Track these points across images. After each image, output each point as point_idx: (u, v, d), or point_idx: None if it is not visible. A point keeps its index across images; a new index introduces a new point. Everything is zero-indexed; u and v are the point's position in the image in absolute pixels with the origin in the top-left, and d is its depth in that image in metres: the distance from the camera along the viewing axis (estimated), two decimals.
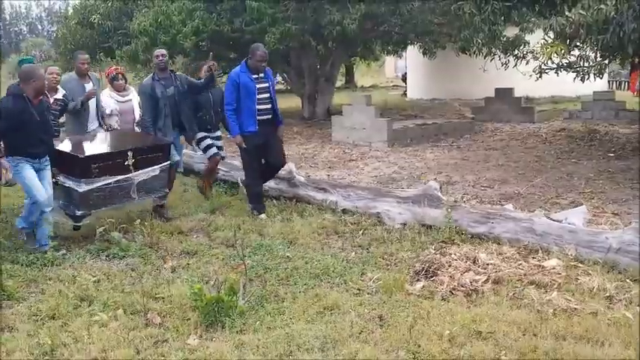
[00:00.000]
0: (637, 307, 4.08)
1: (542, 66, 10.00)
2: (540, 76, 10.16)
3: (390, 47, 19.35)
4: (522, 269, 4.77)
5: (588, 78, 9.36)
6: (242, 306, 4.24)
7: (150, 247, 5.83)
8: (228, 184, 8.15)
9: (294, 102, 18.09)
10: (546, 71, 10.14)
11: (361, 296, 4.54)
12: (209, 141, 7.67)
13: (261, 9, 13.22)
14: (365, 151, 11.48)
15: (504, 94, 15.25)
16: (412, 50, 20.25)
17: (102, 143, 6.97)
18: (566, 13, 7.67)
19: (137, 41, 14.69)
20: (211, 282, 4.59)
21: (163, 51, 7.43)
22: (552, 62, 9.37)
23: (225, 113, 6.91)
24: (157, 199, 6.75)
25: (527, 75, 10.75)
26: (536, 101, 17.88)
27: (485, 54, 13.33)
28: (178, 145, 7.43)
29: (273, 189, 7.43)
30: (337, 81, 20.80)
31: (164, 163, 6.53)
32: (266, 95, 6.79)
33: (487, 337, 3.75)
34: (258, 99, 6.70)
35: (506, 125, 14.40)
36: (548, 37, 8.62)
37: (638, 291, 4.29)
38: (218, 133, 7.84)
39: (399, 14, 13.55)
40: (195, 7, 14.03)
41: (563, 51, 8.29)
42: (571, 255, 4.88)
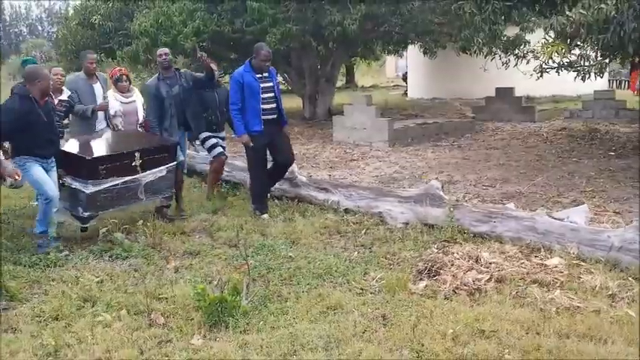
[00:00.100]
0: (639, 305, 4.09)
1: (542, 65, 10.00)
2: (541, 76, 10.16)
3: (391, 47, 19.36)
4: (525, 268, 4.78)
5: (589, 77, 9.36)
6: (245, 306, 4.24)
7: (152, 248, 5.84)
8: (230, 185, 8.13)
9: (294, 102, 18.09)
10: (547, 70, 10.13)
11: (364, 296, 4.54)
12: (214, 140, 7.66)
13: (261, 9, 13.23)
14: (366, 151, 11.49)
15: (505, 94, 15.27)
16: (413, 50, 20.28)
17: (108, 144, 6.93)
18: (566, 13, 7.67)
19: (138, 42, 14.70)
20: (214, 282, 4.60)
21: (166, 50, 7.35)
22: (553, 61, 9.37)
23: (230, 113, 6.90)
24: (164, 200, 6.74)
25: (527, 74, 10.75)
26: (536, 100, 17.89)
27: (485, 53, 13.33)
28: (183, 146, 7.40)
29: (275, 189, 7.42)
30: (338, 81, 20.81)
31: (171, 164, 6.52)
32: (270, 95, 6.79)
33: (490, 336, 3.76)
34: (262, 98, 6.70)
35: (507, 124, 14.41)
36: (548, 37, 8.62)
37: (639, 289, 4.30)
38: (222, 134, 7.81)
39: (400, 14, 13.56)
40: (195, 8, 14.04)
41: (563, 50, 8.29)
42: (573, 253, 4.89)
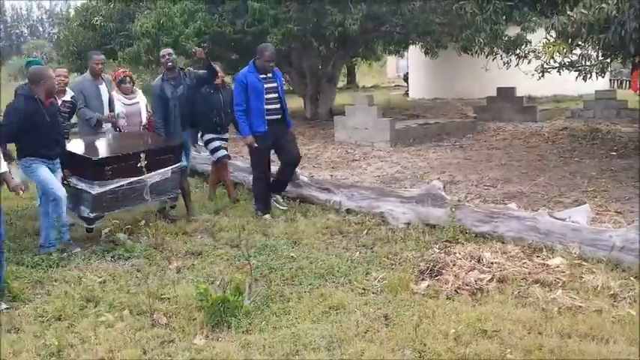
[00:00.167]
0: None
1: (544, 65, 9.99)
2: (542, 76, 10.14)
3: (392, 47, 19.34)
4: (527, 268, 4.79)
5: (590, 77, 9.34)
6: (248, 306, 4.25)
7: (155, 248, 5.86)
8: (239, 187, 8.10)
9: (296, 103, 18.08)
10: (548, 70, 10.12)
11: (366, 296, 4.55)
12: (217, 143, 7.62)
13: (262, 10, 13.25)
14: (367, 151, 11.50)
15: (506, 94, 15.27)
16: (414, 50, 20.27)
17: (114, 145, 6.90)
18: (567, 12, 7.66)
19: (139, 43, 14.71)
20: (217, 282, 4.61)
21: (169, 50, 7.26)
22: (554, 61, 9.35)
23: (235, 114, 6.89)
24: (169, 201, 6.73)
25: (529, 74, 10.74)
26: (538, 100, 17.88)
27: (487, 53, 13.31)
28: (188, 148, 7.30)
29: None
30: (339, 81, 20.81)
31: (176, 165, 6.51)
32: (274, 95, 6.80)
33: (492, 336, 3.77)
34: (266, 99, 6.71)
35: (508, 124, 14.41)
36: (550, 37, 8.62)
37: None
38: (226, 135, 7.76)
39: (401, 14, 13.57)
40: (197, 9, 14.05)
41: (565, 50, 8.27)
42: (575, 253, 4.89)
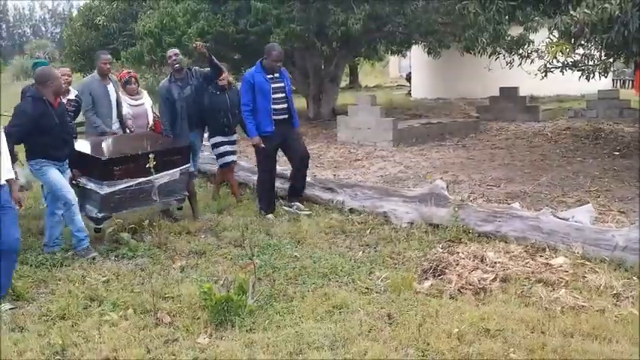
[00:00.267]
0: None
1: (547, 65, 9.98)
2: (545, 75, 10.14)
3: (394, 47, 19.29)
4: (530, 267, 4.79)
5: (593, 77, 9.34)
6: (251, 305, 4.26)
7: (158, 248, 5.88)
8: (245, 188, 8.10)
9: (298, 102, 18.00)
10: (551, 70, 10.11)
11: (369, 295, 4.56)
12: (226, 148, 7.52)
13: (265, 10, 13.26)
14: (370, 151, 11.50)
15: (509, 93, 15.25)
16: (416, 50, 20.24)
17: (122, 145, 6.86)
18: (570, 12, 7.65)
19: (142, 43, 14.74)
20: (220, 281, 4.62)
21: (176, 50, 7.17)
22: (557, 61, 9.35)
23: (242, 114, 6.88)
24: (176, 202, 6.71)
25: (532, 74, 10.74)
26: (540, 100, 17.86)
27: (489, 53, 13.30)
28: (196, 151, 7.22)
29: (280, 189, 7.43)
30: (342, 81, 20.80)
31: (184, 166, 6.49)
32: (281, 95, 6.80)
33: (496, 335, 3.77)
34: (273, 99, 6.71)
35: (511, 124, 14.39)
36: (553, 36, 8.61)
37: None
38: (234, 137, 7.66)
39: (403, 14, 13.56)
40: (200, 9, 14.07)
41: (568, 50, 8.26)
42: (578, 253, 4.90)
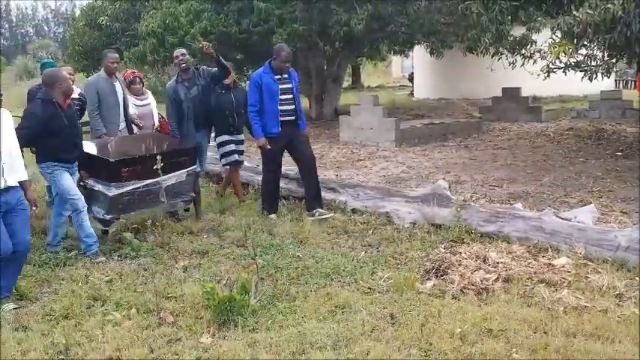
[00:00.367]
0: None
1: (549, 65, 9.98)
2: (548, 76, 10.13)
3: (397, 47, 19.32)
4: (532, 268, 4.80)
5: (596, 77, 9.34)
6: (254, 305, 4.27)
7: (161, 247, 5.88)
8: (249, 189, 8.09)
9: (301, 102, 18.09)
10: (554, 70, 10.11)
11: (372, 295, 4.57)
12: (231, 147, 7.49)
13: (268, 10, 13.27)
14: (373, 151, 11.50)
15: (512, 94, 15.24)
16: (419, 50, 20.25)
17: (129, 147, 6.81)
18: (573, 13, 7.65)
19: (145, 43, 14.76)
20: (223, 281, 4.64)
21: (183, 50, 7.14)
22: (560, 61, 9.34)
23: (248, 115, 6.86)
24: (183, 204, 6.70)
25: (534, 74, 10.73)
26: (543, 100, 17.85)
27: (492, 53, 13.31)
28: (202, 152, 7.20)
29: (282, 189, 7.43)
30: (344, 81, 20.80)
31: (191, 167, 6.49)
32: (289, 96, 6.79)
33: (498, 335, 3.78)
34: (280, 99, 6.70)
35: (513, 124, 14.39)
36: (555, 37, 8.61)
37: None
38: (241, 137, 7.61)
39: (406, 14, 13.57)
40: (202, 9, 14.08)
41: (570, 50, 8.26)
42: (580, 253, 4.90)
